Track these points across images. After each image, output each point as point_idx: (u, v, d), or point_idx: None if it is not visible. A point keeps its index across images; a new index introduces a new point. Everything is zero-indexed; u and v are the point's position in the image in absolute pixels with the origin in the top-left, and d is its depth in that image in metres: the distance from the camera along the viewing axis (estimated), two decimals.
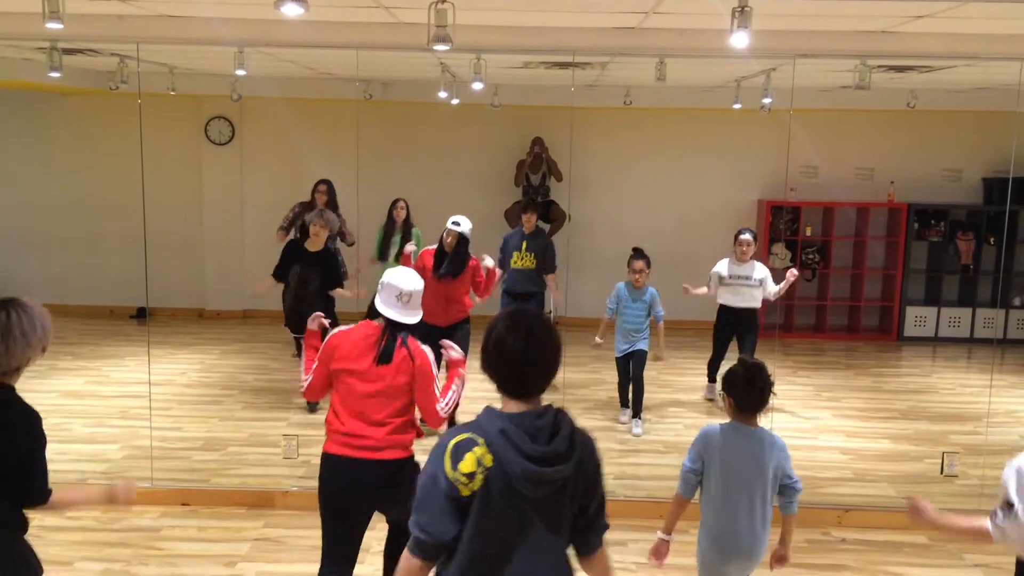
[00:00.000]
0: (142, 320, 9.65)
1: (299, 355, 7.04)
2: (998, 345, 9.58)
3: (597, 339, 6.61)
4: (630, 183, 10.08)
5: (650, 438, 6.53)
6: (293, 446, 5.66)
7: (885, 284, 10.02)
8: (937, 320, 9.85)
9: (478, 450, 2.19)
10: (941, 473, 5.73)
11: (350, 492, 3.51)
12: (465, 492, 2.19)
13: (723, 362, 7.15)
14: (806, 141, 8.75)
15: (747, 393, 3.30)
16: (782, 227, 9.79)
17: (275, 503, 5.25)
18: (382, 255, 7.97)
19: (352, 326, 3.60)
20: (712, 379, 7.37)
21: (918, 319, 9.87)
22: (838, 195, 9.65)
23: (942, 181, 10.00)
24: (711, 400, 7.33)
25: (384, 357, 3.47)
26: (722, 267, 7.04)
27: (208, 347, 8.94)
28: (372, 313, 3.63)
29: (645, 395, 6.84)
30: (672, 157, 10.08)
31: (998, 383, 7.64)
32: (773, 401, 3.37)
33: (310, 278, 6.79)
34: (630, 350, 6.65)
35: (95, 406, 6.93)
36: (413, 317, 3.58)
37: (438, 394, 3.58)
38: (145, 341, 8.41)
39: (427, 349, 3.61)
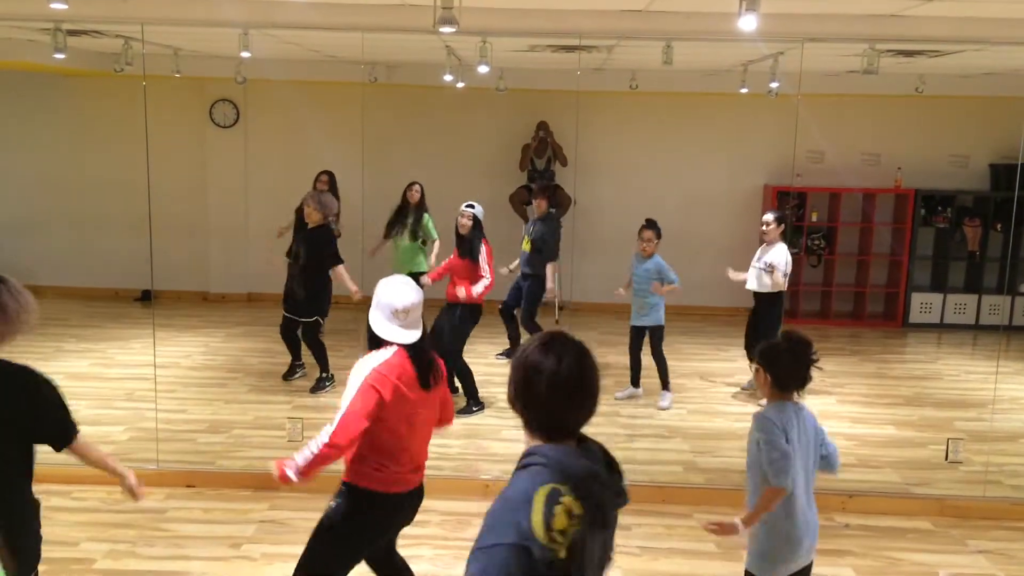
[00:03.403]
0: (147, 302, 9.66)
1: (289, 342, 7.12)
2: (1004, 332, 9.55)
3: (622, 291, 6.86)
4: (635, 168, 10.05)
5: (653, 422, 6.53)
6: (298, 428, 5.67)
7: (891, 270, 9.99)
8: (943, 306, 9.83)
9: (567, 500, 1.85)
10: (946, 459, 5.72)
11: (399, 523, 3.43)
12: (561, 554, 1.82)
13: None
14: (813, 126, 8.71)
15: (791, 371, 3.06)
16: (788, 212, 9.75)
17: (280, 485, 5.25)
18: (388, 234, 7.95)
19: (390, 357, 3.22)
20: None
21: (924, 305, 9.85)
22: (844, 180, 9.61)
23: (949, 167, 9.95)
24: (745, 389, 7.29)
25: (425, 382, 3.26)
26: (759, 249, 7.05)
27: (212, 330, 8.96)
28: (372, 335, 3.29)
29: (651, 379, 6.99)
30: (678, 142, 10.04)
31: (1003, 370, 7.62)
32: (817, 371, 3.12)
33: (300, 254, 6.85)
34: (643, 325, 6.78)
35: (100, 388, 6.94)
36: (415, 333, 3.28)
37: None
38: (150, 323, 8.43)
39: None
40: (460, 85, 8.63)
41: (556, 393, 1.92)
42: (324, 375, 6.95)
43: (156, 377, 6.07)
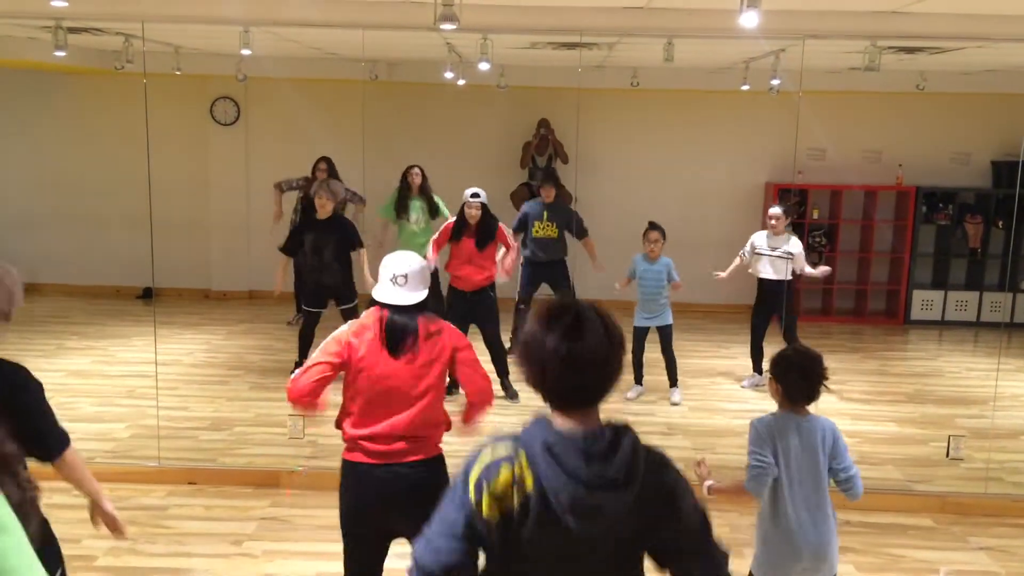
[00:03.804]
0: (148, 300, 9.66)
1: (298, 323, 7.14)
2: (1005, 329, 9.54)
3: (617, 285, 6.82)
4: (637, 165, 10.04)
5: (655, 419, 6.53)
6: (299, 426, 5.68)
7: (892, 267, 9.99)
8: (944, 304, 9.82)
9: (517, 467, 1.79)
10: (947, 456, 5.73)
11: (377, 502, 3.17)
12: (489, 515, 1.78)
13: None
14: (814, 123, 8.70)
15: (799, 386, 3.12)
16: (790, 208, 9.75)
17: (281, 482, 5.27)
18: (399, 215, 7.94)
19: (360, 319, 3.28)
20: (758, 368, 7.29)
21: (925, 303, 9.84)
22: (846, 178, 9.60)
23: (951, 164, 9.94)
24: (744, 387, 7.31)
25: (393, 346, 3.15)
26: (759, 238, 7.12)
27: (214, 327, 8.96)
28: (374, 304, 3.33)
29: (649, 376, 7.02)
30: (679, 139, 10.04)
31: (1004, 367, 7.60)
32: (824, 390, 3.15)
33: (323, 245, 6.84)
34: (653, 324, 6.81)
35: (102, 385, 6.95)
36: (412, 297, 3.21)
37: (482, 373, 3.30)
38: (151, 321, 8.42)
39: (448, 324, 3.31)
40: (461, 82, 8.63)
41: (557, 370, 1.83)
42: None
43: (157, 374, 6.07)
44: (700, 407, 6.86)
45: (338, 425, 3.30)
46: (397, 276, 3.23)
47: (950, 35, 5.50)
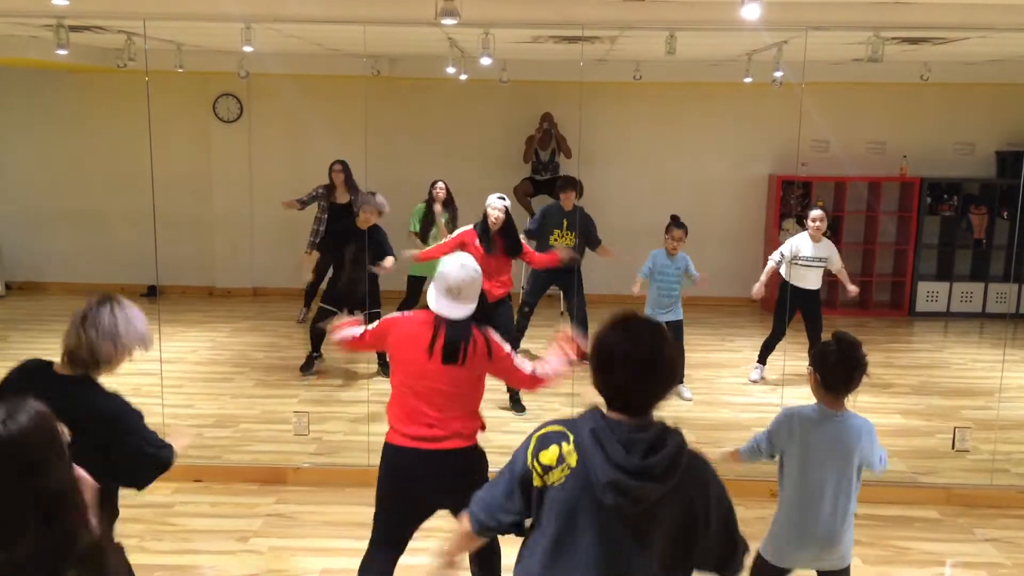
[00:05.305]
0: (152, 298, 9.67)
1: (307, 319, 7.16)
2: (1010, 320, 9.53)
3: (635, 289, 6.74)
4: (640, 158, 10.03)
5: (659, 413, 6.52)
6: (304, 423, 5.69)
7: (897, 259, 9.96)
8: (949, 295, 9.80)
9: (566, 446, 2.05)
10: (952, 448, 5.72)
11: (411, 482, 3.33)
12: (537, 482, 2.08)
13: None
14: (818, 115, 8.68)
15: (838, 371, 3.17)
16: (793, 202, 9.73)
17: (287, 479, 5.28)
18: (423, 236, 7.93)
19: (411, 313, 3.42)
20: (764, 360, 7.28)
21: (930, 294, 9.82)
22: (849, 169, 9.58)
23: (955, 155, 9.91)
24: (755, 382, 7.27)
25: (447, 356, 3.25)
26: (802, 246, 6.98)
27: (218, 325, 8.97)
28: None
29: None
30: (682, 132, 10.02)
31: (1010, 358, 7.60)
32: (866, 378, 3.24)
33: (363, 259, 6.84)
34: (664, 319, 6.72)
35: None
36: (462, 310, 3.30)
37: (523, 366, 3.39)
38: (155, 319, 8.40)
39: (491, 331, 3.40)
40: (463, 77, 8.62)
41: (623, 375, 2.09)
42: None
43: (163, 372, 6.08)
44: (705, 401, 6.86)
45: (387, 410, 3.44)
46: (452, 288, 3.29)
47: (953, 25, 5.48)
